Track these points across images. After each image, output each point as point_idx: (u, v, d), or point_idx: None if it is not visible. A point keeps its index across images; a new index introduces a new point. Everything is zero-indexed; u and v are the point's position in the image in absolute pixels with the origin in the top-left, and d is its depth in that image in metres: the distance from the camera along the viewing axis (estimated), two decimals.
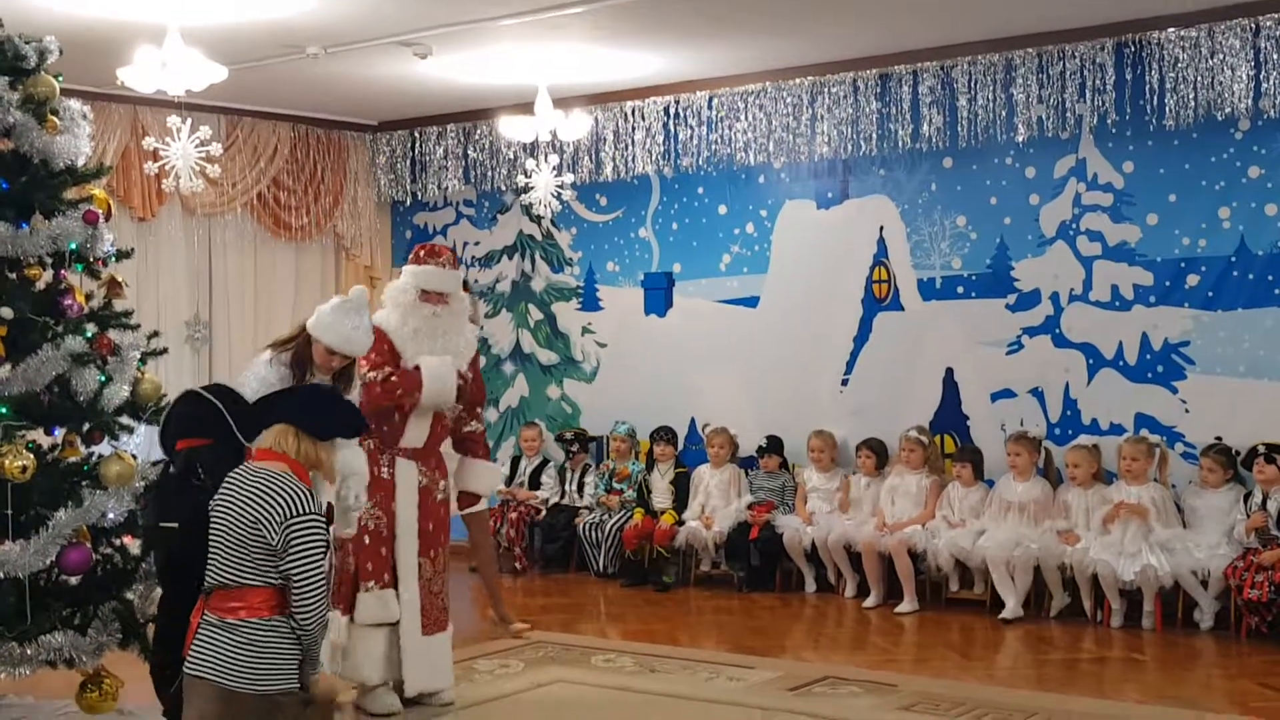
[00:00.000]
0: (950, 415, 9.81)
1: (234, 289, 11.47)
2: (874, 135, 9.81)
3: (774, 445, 10.24)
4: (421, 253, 6.68)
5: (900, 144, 9.73)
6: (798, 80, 10.04)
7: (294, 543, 4.79)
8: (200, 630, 4.86)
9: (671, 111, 10.65)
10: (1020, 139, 9.32)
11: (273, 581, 4.83)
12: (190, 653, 4.85)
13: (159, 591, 5.90)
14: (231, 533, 4.84)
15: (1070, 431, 9.32)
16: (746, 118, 10.30)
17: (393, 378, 6.41)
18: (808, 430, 10.08)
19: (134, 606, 6.04)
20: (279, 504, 4.79)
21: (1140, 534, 8.54)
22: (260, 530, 4.78)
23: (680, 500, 10.45)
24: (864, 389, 10.17)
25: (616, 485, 10.77)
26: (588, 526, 10.64)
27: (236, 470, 4.99)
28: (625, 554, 10.35)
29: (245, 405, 5.53)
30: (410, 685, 6.50)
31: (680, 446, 10.76)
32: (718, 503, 10.26)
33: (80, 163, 6.31)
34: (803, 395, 10.37)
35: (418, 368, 6.44)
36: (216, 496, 4.95)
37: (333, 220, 11.95)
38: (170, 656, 5.29)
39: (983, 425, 9.68)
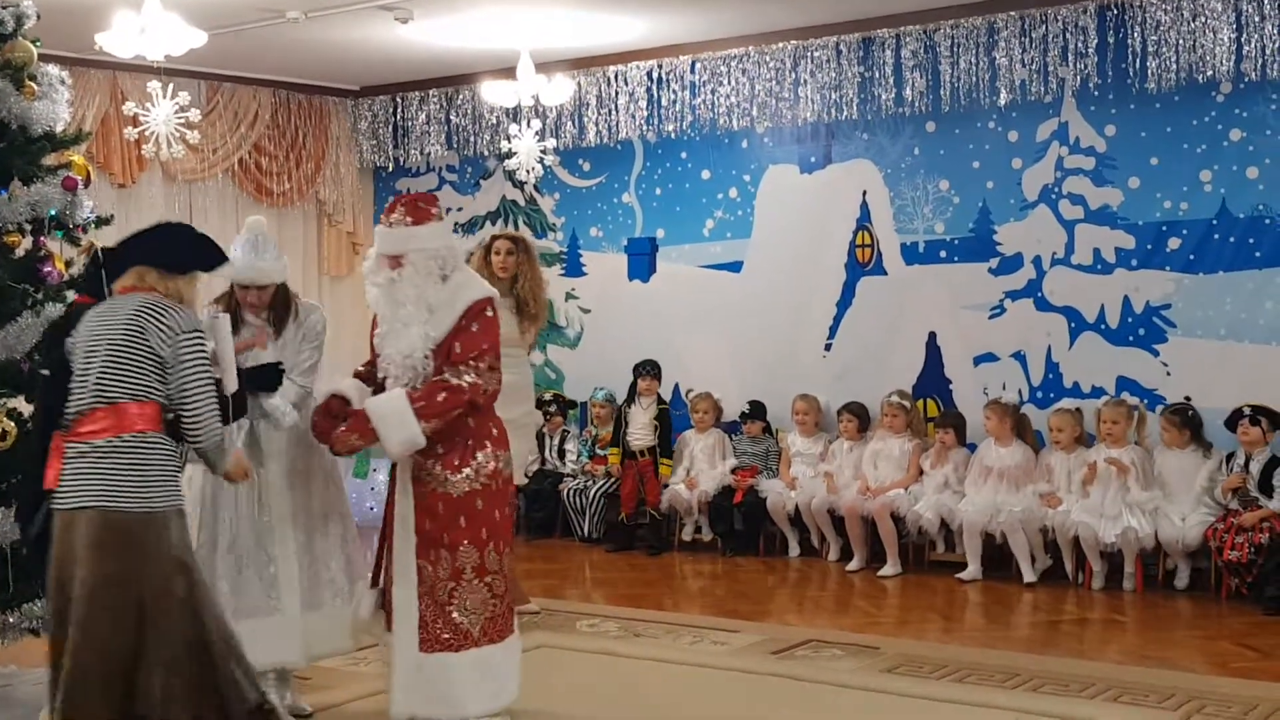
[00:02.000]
0: (933, 379, 9.84)
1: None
2: (856, 99, 9.81)
3: (757, 410, 10.26)
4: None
5: (883, 108, 9.72)
6: (780, 44, 10.02)
7: (184, 358, 4.76)
8: (70, 462, 4.72)
9: (654, 76, 10.63)
10: (1002, 103, 9.32)
11: (155, 397, 4.76)
12: (61, 487, 4.72)
13: None
14: (110, 350, 4.74)
15: (1052, 395, 9.35)
16: (729, 82, 10.28)
17: None
18: (791, 395, 10.10)
19: None
20: (165, 320, 4.75)
21: (1120, 496, 8.59)
22: (149, 341, 4.72)
23: (664, 441, 10.33)
24: (847, 353, 10.19)
25: (600, 452, 10.78)
26: (572, 492, 10.65)
27: (105, 302, 4.93)
28: (620, 518, 10.31)
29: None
30: (396, 707, 5.42)
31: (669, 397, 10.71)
32: (703, 467, 10.28)
33: (59, 129, 6.29)
34: (786, 360, 10.39)
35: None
36: (84, 325, 4.87)
37: (315, 186, 11.92)
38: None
39: (965, 389, 9.71)
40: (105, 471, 4.67)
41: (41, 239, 6.22)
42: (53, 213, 6.14)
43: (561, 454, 11.05)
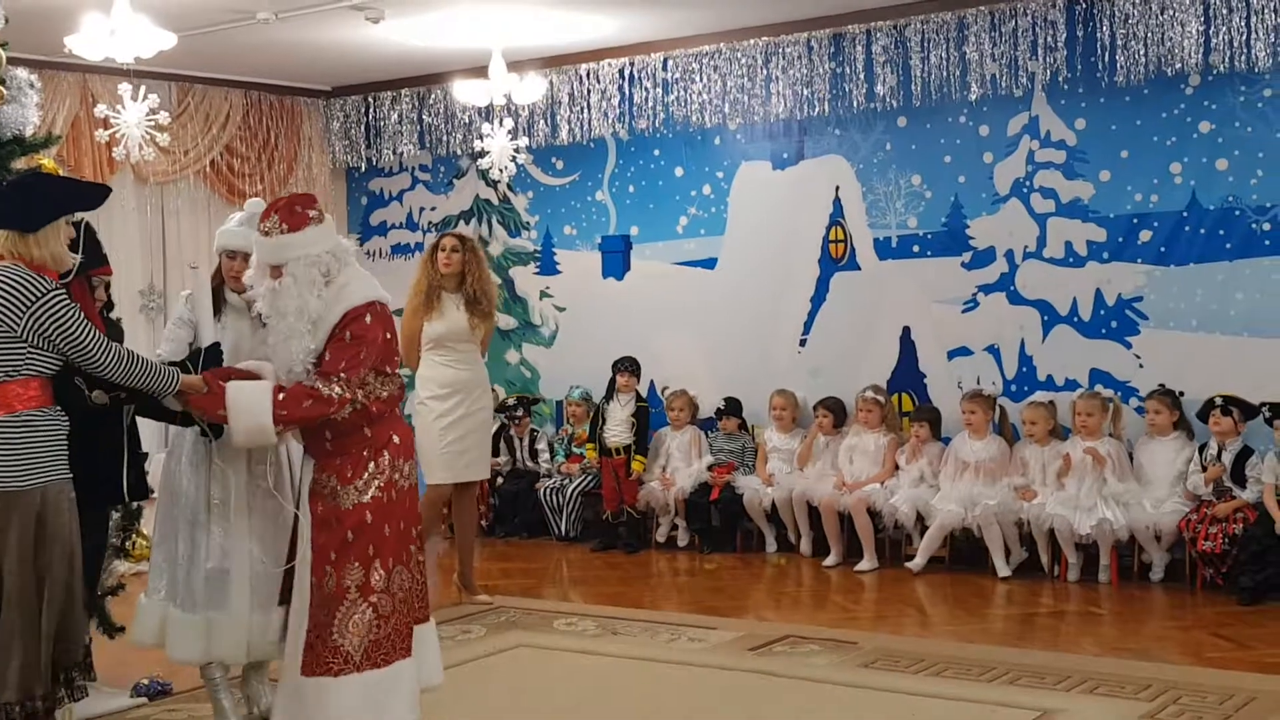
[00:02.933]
0: (908, 374, 9.87)
1: (188, 257, 11.36)
2: (828, 95, 9.83)
3: (733, 407, 10.28)
4: None
5: (854, 104, 9.75)
6: (752, 41, 10.04)
7: (47, 324, 4.77)
8: None
9: (627, 74, 10.63)
10: (973, 97, 9.34)
11: (32, 372, 4.80)
12: None
13: (117, 565, 5.91)
14: None
15: (1026, 388, 9.38)
16: (702, 79, 10.29)
17: None
18: (766, 391, 10.12)
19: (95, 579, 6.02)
20: (10, 296, 4.75)
21: (1095, 488, 8.63)
22: (3, 322, 4.74)
23: (640, 438, 10.30)
24: (822, 349, 10.21)
25: (576, 450, 10.77)
26: (548, 491, 10.64)
27: None
28: (605, 516, 10.28)
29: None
30: None
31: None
32: (679, 464, 10.28)
33: (29, 132, 6.24)
34: (761, 356, 10.40)
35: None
36: None
37: (287, 187, 11.87)
38: None
39: (940, 383, 9.74)
40: None
41: None
42: None
43: (534, 454, 11.02)
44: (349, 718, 5.02)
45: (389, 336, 5.18)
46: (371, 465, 5.14)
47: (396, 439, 5.23)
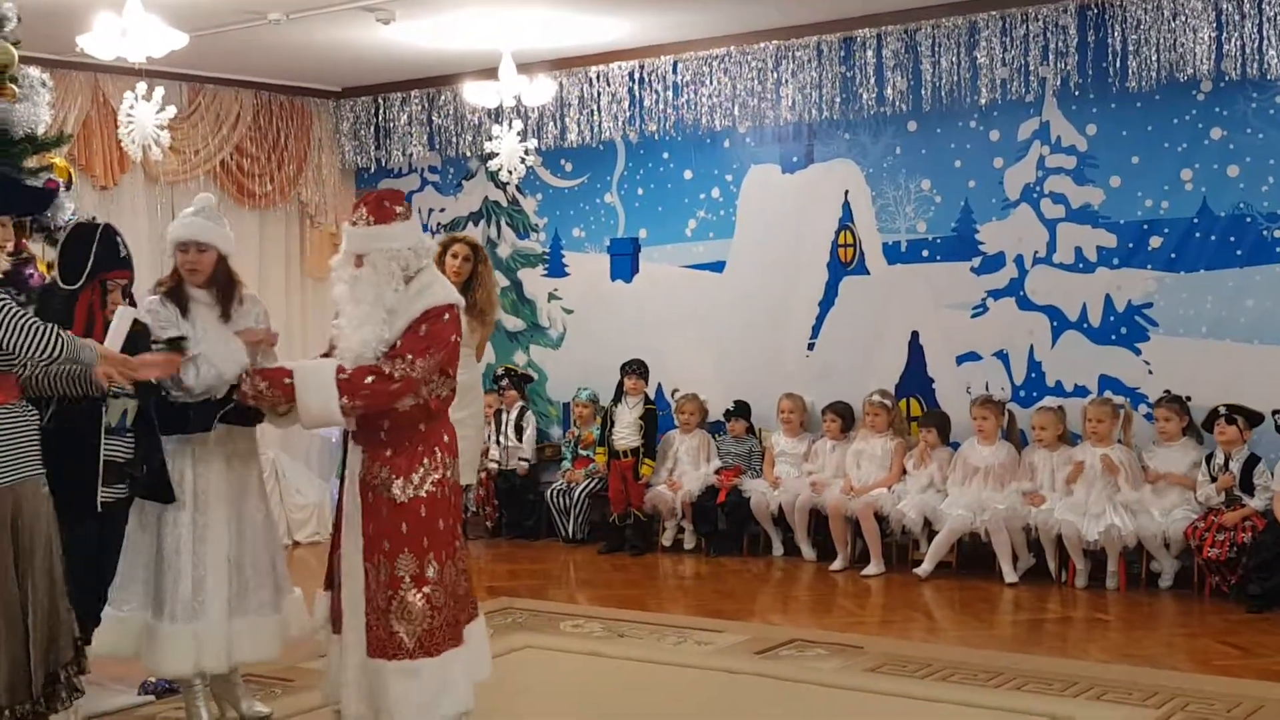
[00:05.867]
0: (916, 378, 9.86)
1: None
2: (838, 99, 9.82)
3: (741, 410, 10.27)
4: None
5: (865, 108, 9.74)
6: (762, 44, 10.03)
7: None
8: None
9: (636, 76, 10.62)
10: (984, 102, 9.34)
11: None
12: None
13: None
14: None
15: (1035, 394, 9.37)
16: (711, 82, 10.29)
17: None
18: (774, 395, 10.12)
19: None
20: None
21: (1104, 494, 8.62)
22: None
23: (649, 442, 10.28)
24: (830, 353, 10.20)
25: (583, 452, 10.76)
26: (556, 493, 10.64)
27: None
28: (611, 519, 10.28)
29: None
30: (347, 708, 5.35)
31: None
32: (687, 468, 10.28)
33: (40, 131, 6.28)
34: (769, 360, 10.40)
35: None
36: None
37: (296, 188, 11.88)
38: None
39: (948, 388, 9.73)
40: None
41: (23, 241, 6.21)
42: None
43: (519, 431, 10.98)
44: (400, 701, 5.17)
45: (456, 339, 5.37)
46: (426, 460, 5.29)
47: (447, 438, 5.41)
